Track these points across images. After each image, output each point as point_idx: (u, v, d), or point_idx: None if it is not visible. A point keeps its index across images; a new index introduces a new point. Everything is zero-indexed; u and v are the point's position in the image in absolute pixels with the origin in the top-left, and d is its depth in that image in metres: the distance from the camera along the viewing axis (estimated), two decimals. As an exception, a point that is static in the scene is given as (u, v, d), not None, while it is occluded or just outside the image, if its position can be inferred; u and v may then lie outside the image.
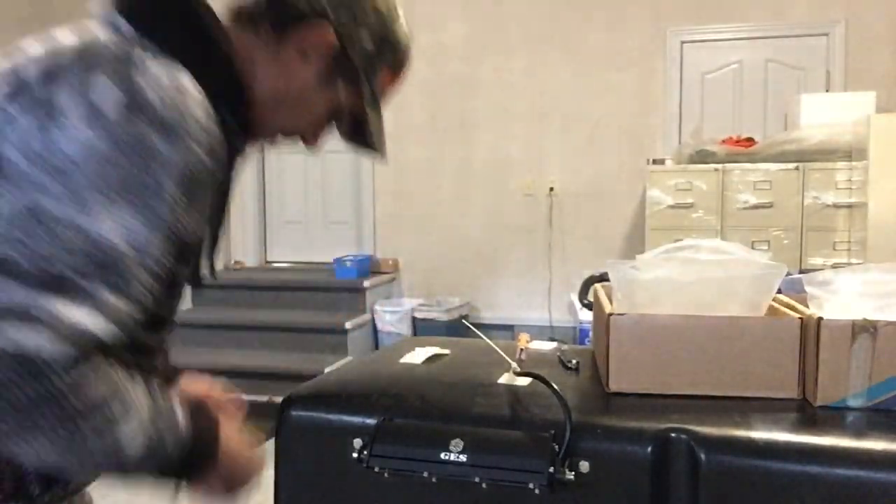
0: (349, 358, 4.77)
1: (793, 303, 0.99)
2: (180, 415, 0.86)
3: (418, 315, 5.26)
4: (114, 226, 0.76)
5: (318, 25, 0.95)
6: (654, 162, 4.72)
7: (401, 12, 1.03)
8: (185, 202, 0.82)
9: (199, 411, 0.91)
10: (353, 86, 0.99)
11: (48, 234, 0.74)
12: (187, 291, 1.05)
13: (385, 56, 1.01)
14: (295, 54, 0.97)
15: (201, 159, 0.83)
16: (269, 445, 0.96)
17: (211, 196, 0.90)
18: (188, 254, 0.90)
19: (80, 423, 0.75)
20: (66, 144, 0.76)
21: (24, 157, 0.77)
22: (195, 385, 1.07)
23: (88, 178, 0.76)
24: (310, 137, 1.04)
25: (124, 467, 0.82)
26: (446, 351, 1.15)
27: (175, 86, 0.82)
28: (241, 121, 0.94)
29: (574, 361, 1.07)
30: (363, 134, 1.03)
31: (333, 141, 1.12)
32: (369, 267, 5.51)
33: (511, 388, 0.94)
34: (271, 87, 0.96)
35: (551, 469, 0.76)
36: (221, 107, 0.88)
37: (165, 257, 0.82)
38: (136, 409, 0.80)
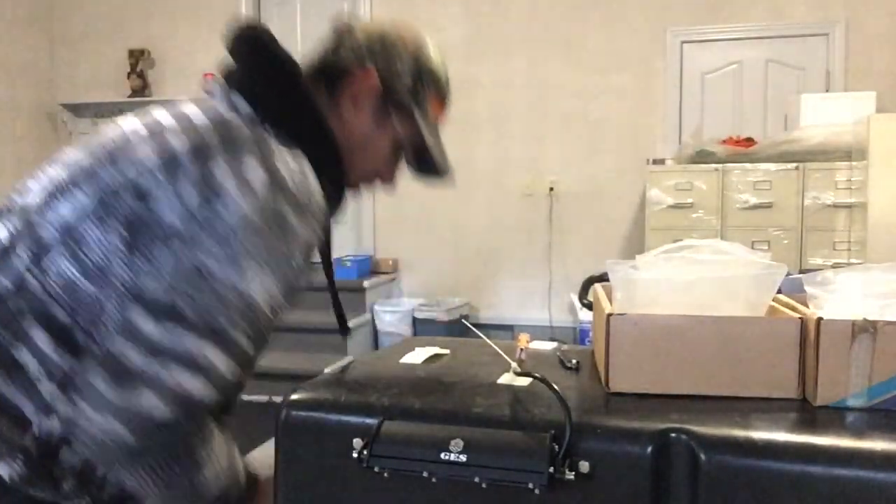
0: (349, 358, 4.76)
1: (793, 303, 0.99)
2: (241, 470, 0.97)
3: (418, 315, 5.26)
4: (260, 289, 0.88)
5: (363, 73, 1.07)
6: (654, 162, 4.72)
7: (431, 47, 1.14)
8: (305, 269, 0.95)
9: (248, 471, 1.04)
10: (407, 118, 1.10)
11: (213, 292, 0.85)
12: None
13: (427, 87, 1.12)
14: (350, 105, 1.07)
15: (318, 234, 0.96)
16: (269, 445, 0.96)
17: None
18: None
19: (181, 463, 0.88)
20: (228, 216, 0.87)
21: (187, 222, 0.87)
22: None
23: (244, 246, 0.87)
24: (385, 176, 1.15)
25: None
26: (446, 351, 1.14)
27: (300, 170, 0.94)
28: (340, 188, 1.08)
29: (574, 361, 1.07)
30: (428, 161, 1.13)
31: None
32: (369, 267, 5.51)
33: (511, 388, 0.94)
34: (343, 142, 1.06)
35: (551, 469, 0.76)
36: (324, 179, 0.99)
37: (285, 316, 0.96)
38: (216, 459, 0.91)
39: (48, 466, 0.90)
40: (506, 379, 0.97)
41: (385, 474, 0.83)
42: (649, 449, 0.78)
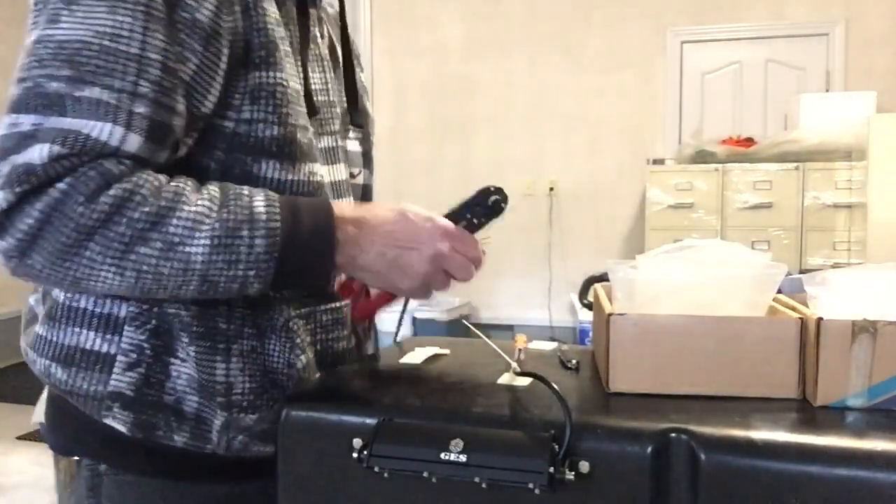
0: (349, 358, 4.75)
1: (793, 303, 0.99)
2: (259, 203, 0.80)
3: (418, 315, 5.26)
4: (75, 22, 0.73)
5: None
6: (654, 162, 4.73)
7: None
8: None
9: (313, 202, 0.86)
10: None
11: (29, 58, 0.74)
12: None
13: None
14: None
15: None
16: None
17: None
18: (253, 57, 0.83)
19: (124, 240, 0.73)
20: None
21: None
22: None
23: None
24: None
25: (199, 274, 0.77)
26: (446, 351, 1.14)
27: None
28: None
29: (574, 361, 1.07)
30: None
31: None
32: (369, 267, 5.51)
33: (511, 388, 0.94)
34: None
35: (551, 469, 0.76)
36: None
37: (169, 45, 0.76)
38: (184, 206, 0.75)
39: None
40: (506, 379, 0.97)
41: (385, 474, 0.83)
42: (649, 449, 0.78)
